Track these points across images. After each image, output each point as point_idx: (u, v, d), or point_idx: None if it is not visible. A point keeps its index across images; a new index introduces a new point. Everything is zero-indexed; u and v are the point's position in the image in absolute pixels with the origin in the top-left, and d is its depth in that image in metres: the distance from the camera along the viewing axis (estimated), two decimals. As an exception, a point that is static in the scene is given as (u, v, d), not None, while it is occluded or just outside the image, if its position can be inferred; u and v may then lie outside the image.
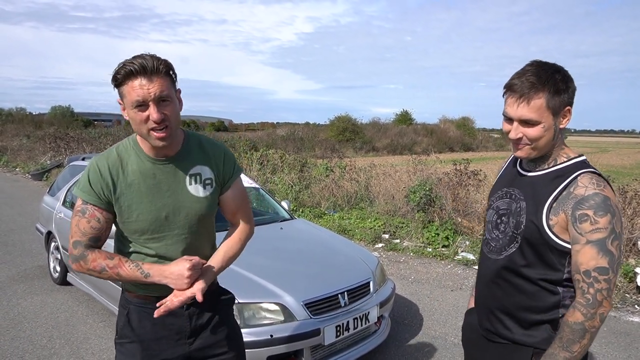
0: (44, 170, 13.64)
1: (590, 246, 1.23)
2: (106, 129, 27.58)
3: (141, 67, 1.31)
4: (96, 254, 1.44)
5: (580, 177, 1.29)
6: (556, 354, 1.28)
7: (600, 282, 1.22)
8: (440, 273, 5.42)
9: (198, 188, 1.52)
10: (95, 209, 1.44)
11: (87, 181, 1.44)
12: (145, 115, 1.34)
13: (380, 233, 6.88)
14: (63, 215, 4.46)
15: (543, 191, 1.34)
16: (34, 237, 6.29)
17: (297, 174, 9.71)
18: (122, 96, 1.38)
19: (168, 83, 1.37)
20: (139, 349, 1.55)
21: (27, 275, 4.96)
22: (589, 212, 1.24)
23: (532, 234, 1.33)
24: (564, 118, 1.32)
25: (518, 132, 1.33)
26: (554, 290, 1.35)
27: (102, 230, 1.46)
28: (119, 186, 1.44)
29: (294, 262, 3.24)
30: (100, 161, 1.46)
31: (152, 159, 1.47)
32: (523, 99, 1.28)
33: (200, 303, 1.49)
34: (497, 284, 1.45)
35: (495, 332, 1.48)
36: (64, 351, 3.34)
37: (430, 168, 8.60)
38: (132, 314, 1.57)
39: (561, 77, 1.29)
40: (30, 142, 19.88)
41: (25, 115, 40.28)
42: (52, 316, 3.93)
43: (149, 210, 1.46)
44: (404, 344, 3.56)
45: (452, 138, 35.61)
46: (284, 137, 29.14)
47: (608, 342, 3.68)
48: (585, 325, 1.24)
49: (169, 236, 1.50)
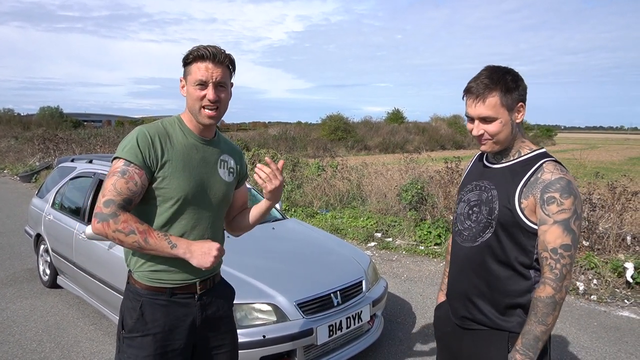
0: (33, 172, 13.48)
1: (556, 226, 1.36)
2: (96, 130, 27.31)
3: (212, 54, 1.50)
4: (128, 215, 1.47)
5: (546, 164, 1.43)
6: (533, 329, 1.38)
7: (565, 258, 1.36)
8: (433, 271, 5.44)
9: (225, 173, 1.69)
10: (137, 172, 1.48)
11: (135, 144, 1.49)
12: (203, 93, 1.52)
13: (372, 232, 6.89)
14: (52, 217, 4.41)
15: (513, 178, 1.47)
16: (23, 239, 6.21)
17: (289, 174, 9.69)
18: (186, 74, 1.55)
19: (227, 73, 1.57)
20: (152, 341, 1.57)
21: (16, 279, 4.90)
22: (555, 194, 1.37)
23: (506, 217, 1.45)
24: (519, 113, 1.47)
25: (479, 129, 1.48)
26: (527, 274, 1.46)
27: (137, 194, 1.50)
28: (166, 153, 1.54)
29: (286, 262, 3.23)
30: (150, 129, 1.55)
31: (195, 136, 1.62)
32: (479, 99, 1.44)
33: (212, 293, 1.67)
34: (473, 270, 1.54)
35: (472, 319, 1.56)
36: (54, 355, 3.30)
37: (422, 166, 8.63)
38: (146, 307, 1.59)
39: (511, 78, 1.44)
40: (18, 144, 19.64)
41: (13, 116, 39.71)
42: (42, 320, 3.88)
43: (189, 180, 1.57)
44: (397, 343, 3.57)
45: (444, 136, 35.77)
46: (276, 137, 29.09)
47: (598, 336, 3.72)
48: (555, 297, 1.36)
49: (197, 210, 1.60)
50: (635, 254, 5.09)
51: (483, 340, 1.52)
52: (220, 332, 1.72)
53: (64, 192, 4.48)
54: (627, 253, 5.12)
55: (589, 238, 5.33)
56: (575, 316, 4.13)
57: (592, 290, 4.66)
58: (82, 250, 3.77)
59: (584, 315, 4.15)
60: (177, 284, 1.60)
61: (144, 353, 1.57)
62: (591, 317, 4.13)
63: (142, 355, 1.58)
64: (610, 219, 5.45)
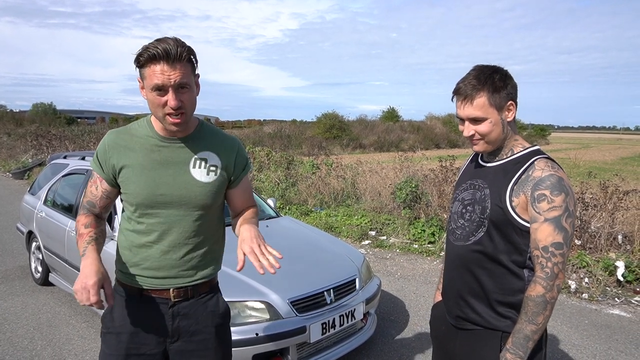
0: (26, 169, 13.37)
1: (547, 224, 1.35)
2: (89, 127, 27.12)
3: (164, 53, 1.32)
4: (84, 218, 1.53)
5: (537, 162, 1.42)
6: (523, 328, 1.38)
7: (556, 256, 1.34)
8: (427, 269, 5.46)
9: (202, 172, 1.53)
10: (97, 177, 1.56)
11: (96, 154, 1.55)
12: (164, 100, 1.37)
13: (366, 230, 6.90)
14: (44, 214, 4.37)
15: (505, 176, 1.46)
16: (15, 237, 6.17)
17: (284, 172, 9.68)
18: (142, 77, 1.39)
19: (189, 70, 1.39)
20: (115, 340, 1.54)
21: (7, 276, 4.86)
22: (546, 192, 1.35)
23: (497, 216, 1.44)
24: (509, 112, 1.46)
25: (470, 130, 1.48)
26: (520, 273, 1.44)
27: (97, 198, 1.55)
28: (123, 159, 1.50)
29: (280, 260, 3.22)
30: (110, 136, 1.55)
31: (161, 137, 1.52)
32: (467, 100, 1.44)
33: (192, 305, 1.56)
34: (467, 269, 1.53)
35: (466, 318, 1.55)
36: (45, 352, 3.28)
37: (417, 165, 8.65)
38: (116, 304, 1.57)
39: (499, 77, 1.43)
40: (11, 140, 19.46)
41: (6, 112, 39.39)
42: (34, 317, 3.86)
43: (146, 184, 1.48)
44: (390, 340, 3.58)
45: (439, 135, 35.85)
46: (271, 135, 29.03)
47: (589, 334, 3.75)
48: (546, 297, 1.34)
49: (163, 214, 1.51)
50: (626, 252, 5.14)
51: (477, 339, 1.51)
52: (196, 350, 1.57)
53: (56, 189, 4.45)
54: (618, 252, 5.17)
55: (581, 237, 5.37)
56: (567, 314, 4.16)
57: (584, 288, 4.70)
58: (74, 247, 3.74)
59: (575, 314, 4.19)
60: (149, 286, 1.54)
61: (108, 351, 1.55)
62: (582, 315, 4.16)
63: (107, 352, 1.55)
64: (602, 218, 5.50)
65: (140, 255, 1.54)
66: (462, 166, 1.75)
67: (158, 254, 1.52)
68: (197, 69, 1.46)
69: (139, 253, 1.54)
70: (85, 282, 1.31)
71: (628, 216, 5.68)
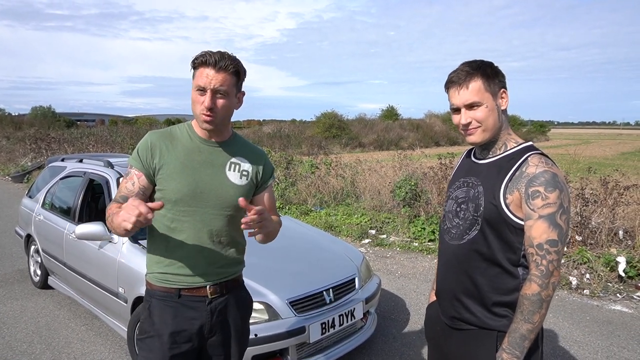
0: (25, 172, 13.37)
1: (542, 221, 1.33)
2: (89, 129, 27.09)
3: (213, 60, 1.51)
4: (115, 206, 1.54)
5: (531, 158, 1.40)
6: (519, 327, 1.36)
7: (551, 254, 1.32)
8: (427, 267, 5.44)
9: (235, 175, 1.67)
10: (136, 173, 1.60)
11: (136, 151, 1.62)
12: (202, 99, 1.53)
13: (366, 229, 6.89)
14: (43, 217, 4.36)
15: (498, 173, 1.44)
16: (13, 240, 6.16)
17: (283, 171, 9.66)
18: (193, 77, 1.57)
19: (231, 81, 1.55)
20: (158, 343, 1.59)
21: (6, 280, 4.85)
22: (540, 188, 1.34)
23: (491, 214, 1.42)
24: (502, 99, 1.46)
25: (467, 117, 1.46)
26: (515, 272, 1.42)
27: (133, 193, 1.58)
28: (164, 156, 1.59)
29: (278, 260, 3.21)
30: (153, 135, 1.64)
31: (201, 139, 1.65)
32: (462, 86, 1.44)
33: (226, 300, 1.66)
34: (461, 268, 1.51)
35: (460, 318, 1.52)
36: (44, 356, 3.27)
37: (416, 163, 8.63)
38: (154, 307, 1.63)
39: (489, 66, 1.46)
40: (10, 144, 19.45)
41: (5, 116, 39.40)
42: (33, 321, 3.84)
43: (187, 181, 1.58)
44: (390, 339, 3.56)
45: (438, 132, 35.80)
46: (270, 135, 29.00)
47: (591, 330, 3.73)
48: (541, 295, 1.32)
49: (199, 212, 1.60)
50: (627, 248, 5.12)
51: (472, 340, 1.49)
52: (228, 342, 1.70)
53: (54, 192, 4.44)
54: (619, 247, 5.15)
55: (581, 233, 5.35)
56: (568, 310, 4.15)
57: (585, 284, 4.68)
58: (73, 251, 3.73)
59: (576, 310, 4.17)
60: (185, 285, 1.61)
61: (151, 355, 1.60)
62: (584, 311, 4.15)
63: (151, 357, 1.60)
64: (603, 214, 5.48)
65: (176, 254, 1.61)
66: (456, 163, 1.74)
67: (193, 252, 1.61)
68: (242, 84, 1.62)
69: (175, 252, 1.61)
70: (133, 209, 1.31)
71: (629, 211, 5.66)
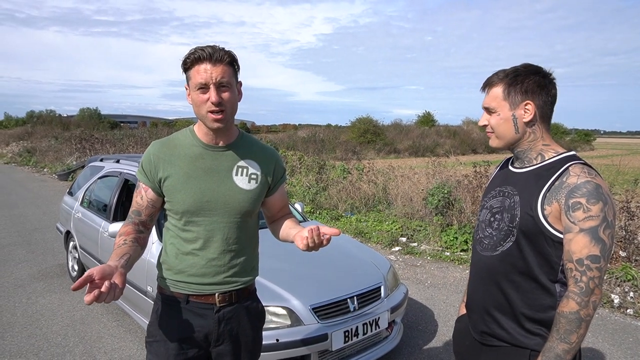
0: (70, 171, 14.01)
1: (583, 234, 1.25)
2: (130, 131, 28.15)
3: (207, 54, 1.42)
4: (124, 228, 1.55)
5: (572, 167, 1.32)
6: (554, 346, 1.27)
7: (592, 271, 1.24)
8: (458, 278, 5.29)
9: (243, 180, 1.59)
10: (143, 187, 1.58)
11: (140, 165, 1.59)
12: (206, 97, 1.44)
13: (397, 236, 6.78)
14: (81, 215, 4.53)
15: (536, 183, 1.36)
16: (56, 236, 6.44)
17: (315, 176, 9.67)
18: (188, 80, 1.49)
19: (230, 72, 1.47)
20: (164, 349, 1.57)
21: (47, 274, 5.07)
22: (581, 199, 1.25)
23: (528, 225, 1.34)
24: (525, 112, 1.38)
25: (484, 120, 1.46)
26: (551, 288, 1.34)
27: (143, 207, 1.57)
28: (167, 167, 1.54)
29: (303, 265, 3.19)
30: (154, 146, 1.59)
31: (204, 144, 1.56)
32: (487, 88, 1.44)
33: (236, 309, 1.61)
34: (493, 281, 1.44)
35: (492, 334, 1.45)
36: (77, 349, 3.38)
37: (450, 170, 8.44)
38: (162, 311, 1.61)
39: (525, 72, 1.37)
40: (57, 144, 20.47)
41: (54, 117, 41.54)
42: (69, 314, 3.99)
43: (192, 191, 1.53)
44: (417, 350, 3.47)
45: (476, 140, 34.96)
46: (305, 139, 29.18)
47: (634, 353, 3.50)
48: (580, 314, 1.24)
49: (207, 222, 1.55)
50: (677, 266, 4.79)
51: (503, 357, 1.41)
52: (238, 352, 1.65)
53: (92, 191, 4.61)
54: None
55: (626, 248, 5.05)
56: (609, 331, 3.91)
57: (629, 303, 4.41)
58: (107, 248, 3.85)
59: (618, 330, 3.93)
60: (193, 291, 1.58)
61: (157, 359, 1.58)
62: (626, 332, 3.90)
63: None
64: (650, 229, 5.15)
65: (187, 262, 1.57)
66: (492, 173, 1.67)
67: (204, 261, 1.56)
68: (238, 74, 1.53)
69: (185, 260, 1.57)
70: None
71: (679, 227, 5.30)
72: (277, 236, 1.74)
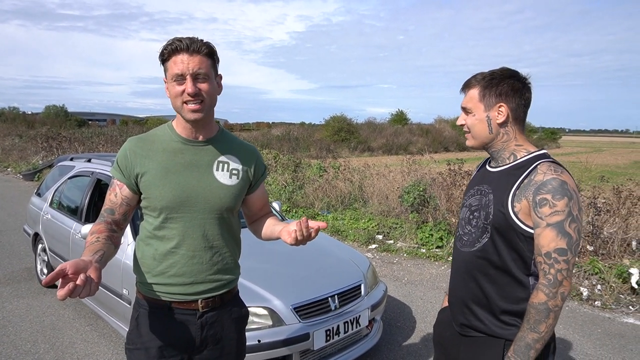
0: (36, 171, 13.50)
1: (550, 229, 1.31)
2: (99, 129, 27.34)
3: (184, 45, 1.40)
4: (96, 227, 1.48)
5: (540, 165, 1.38)
6: (525, 336, 1.34)
7: (560, 263, 1.30)
8: (434, 274, 5.38)
9: (224, 175, 1.55)
10: (117, 184, 1.53)
11: (116, 161, 1.53)
12: (182, 88, 1.41)
13: (374, 234, 6.83)
14: (50, 216, 4.37)
15: (507, 181, 1.44)
16: (22, 238, 6.20)
17: (291, 175, 9.64)
18: (165, 71, 1.46)
19: (208, 63, 1.44)
20: (145, 355, 1.52)
21: (14, 278, 4.87)
22: (547, 196, 1.32)
23: (500, 222, 1.41)
24: (499, 114, 1.45)
25: (461, 119, 1.54)
26: (525, 281, 1.41)
27: (117, 205, 1.52)
28: (145, 162, 1.49)
29: (283, 265, 3.17)
30: (130, 142, 1.54)
31: (183, 139, 1.52)
32: (465, 90, 1.51)
33: (218, 313, 1.57)
34: (471, 276, 1.51)
35: (469, 325, 1.53)
36: (48, 356, 3.26)
37: (424, 168, 8.56)
38: (142, 318, 1.56)
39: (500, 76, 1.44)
40: (22, 142, 19.69)
41: (18, 114, 39.93)
42: (38, 320, 3.85)
43: (171, 186, 1.48)
44: (396, 347, 3.50)
45: (448, 138, 35.59)
46: (279, 137, 29.05)
47: (602, 343, 3.64)
48: (548, 304, 1.30)
49: (188, 217, 1.50)
50: (641, 259, 5.00)
51: (479, 346, 1.49)
52: (221, 355, 1.61)
53: (62, 191, 4.45)
54: (632, 258, 5.03)
55: (593, 243, 5.25)
56: (579, 322, 4.06)
57: (596, 296, 4.58)
58: (79, 250, 3.73)
59: (587, 322, 4.08)
60: (176, 298, 1.52)
61: None
62: (595, 323, 4.05)
63: None
64: (616, 224, 5.37)
65: (166, 262, 1.51)
66: (473, 171, 1.75)
67: (184, 259, 1.51)
68: (218, 67, 1.50)
69: (164, 260, 1.52)
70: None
71: (642, 222, 5.54)
72: (259, 235, 1.71)
